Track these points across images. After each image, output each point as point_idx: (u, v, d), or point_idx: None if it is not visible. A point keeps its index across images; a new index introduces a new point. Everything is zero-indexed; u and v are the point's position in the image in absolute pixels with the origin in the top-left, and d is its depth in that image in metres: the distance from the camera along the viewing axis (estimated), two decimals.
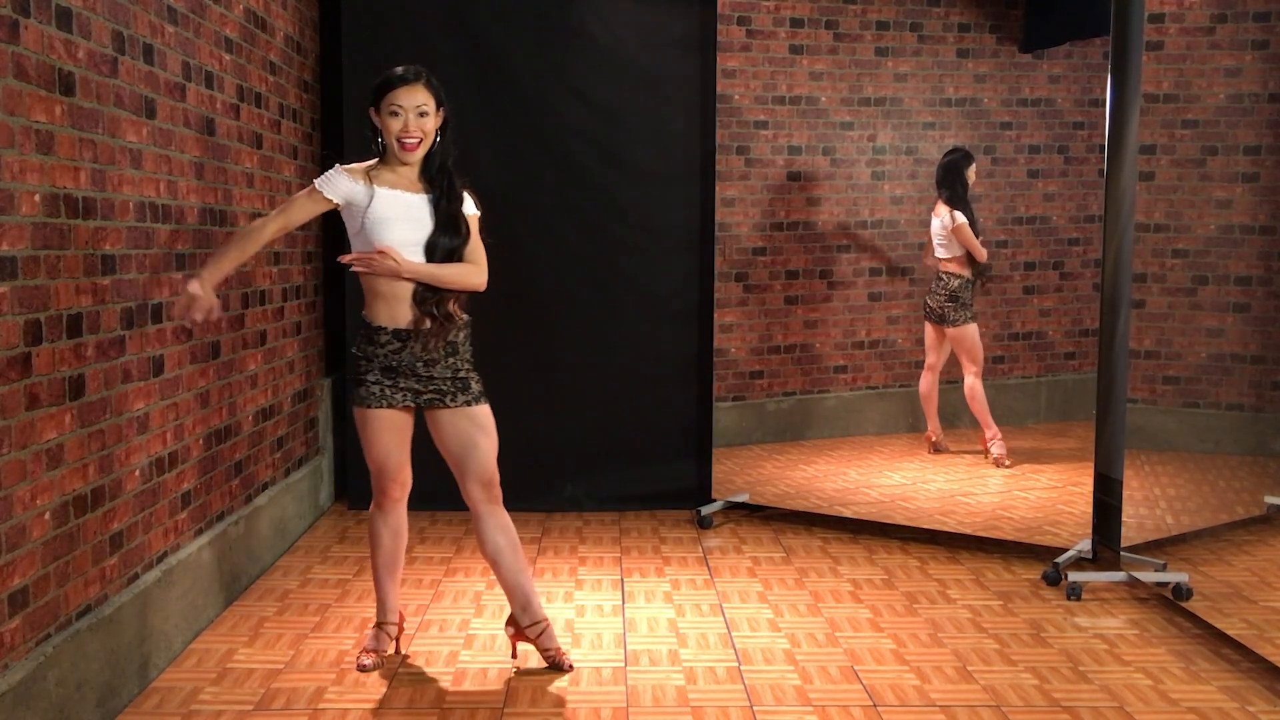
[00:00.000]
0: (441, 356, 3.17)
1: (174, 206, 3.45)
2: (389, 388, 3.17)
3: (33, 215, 2.62)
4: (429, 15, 5.05)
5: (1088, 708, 3.10)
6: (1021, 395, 5.06)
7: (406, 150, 3.11)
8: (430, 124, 3.13)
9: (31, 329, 2.61)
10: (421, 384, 3.18)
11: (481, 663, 3.40)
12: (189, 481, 3.59)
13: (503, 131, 5.09)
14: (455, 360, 3.20)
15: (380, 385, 3.17)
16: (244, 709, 3.06)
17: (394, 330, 3.15)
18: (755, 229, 5.24)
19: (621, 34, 5.16)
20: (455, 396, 3.20)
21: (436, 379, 3.18)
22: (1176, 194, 4.40)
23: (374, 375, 3.18)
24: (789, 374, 5.33)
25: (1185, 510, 4.59)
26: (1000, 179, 4.95)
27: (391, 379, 3.17)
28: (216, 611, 3.76)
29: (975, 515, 4.74)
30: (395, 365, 3.16)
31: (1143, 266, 4.33)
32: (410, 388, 3.18)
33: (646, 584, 4.19)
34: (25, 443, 2.59)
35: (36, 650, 2.63)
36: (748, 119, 5.14)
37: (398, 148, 3.12)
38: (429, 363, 3.17)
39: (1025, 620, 3.79)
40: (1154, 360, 4.41)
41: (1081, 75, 4.72)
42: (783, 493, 5.16)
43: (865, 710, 3.08)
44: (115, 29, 3.04)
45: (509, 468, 5.28)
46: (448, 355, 3.18)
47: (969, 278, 4.92)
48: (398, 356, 3.16)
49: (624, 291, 5.24)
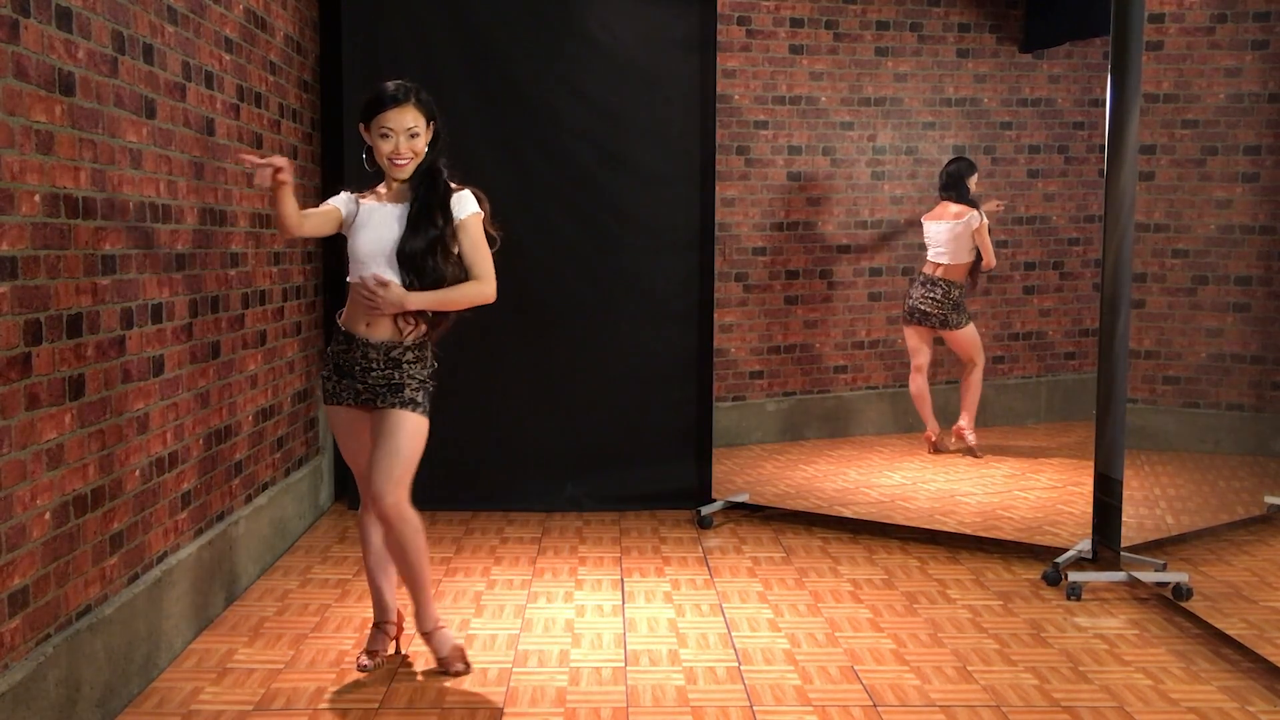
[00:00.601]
0: (380, 366, 3.17)
1: (174, 206, 3.45)
2: (336, 384, 3.24)
3: (33, 215, 2.62)
4: (429, 15, 5.05)
5: (1088, 708, 3.10)
6: (1021, 395, 5.06)
7: (398, 169, 3.14)
8: (421, 143, 3.14)
9: (31, 329, 2.61)
10: (360, 383, 3.20)
11: (481, 663, 3.40)
12: (189, 481, 3.59)
13: (503, 132, 5.09)
14: (395, 373, 3.17)
15: (330, 381, 3.25)
16: (244, 709, 3.06)
17: (345, 332, 3.21)
18: (755, 229, 5.24)
19: (621, 34, 5.16)
20: (385, 397, 3.18)
21: (372, 384, 3.19)
22: (1176, 194, 4.40)
23: (327, 371, 3.28)
24: (789, 374, 5.33)
25: (1185, 510, 4.59)
26: (1000, 179, 4.95)
27: (337, 377, 3.24)
28: (216, 611, 3.76)
29: (975, 515, 4.74)
30: (341, 364, 3.22)
31: (1143, 266, 4.33)
32: (352, 387, 3.21)
33: (646, 584, 4.19)
34: (25, 443, 2.59)
35: (36, 650, 2.63)
36: (748, 119, 5.14)
37: (389, 166, 3.14)
38: (366, 369, 3.18)
39: (1025, 620, 3.79)
40: (1154, 360, 4.41)
41: (1081, 75, 4.72)
42: (783, 493, 5.16)
43: (865, 710, 3.08)
44: (115, 29, 3.04)
45: (509, 468, 5.34)
46: (386, 366, 3.17)
47: (964, 285, 4.92)
48: (345, 356, 3.21)
49: (624, 291, 5.23)
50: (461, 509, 5.17)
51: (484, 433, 5.18)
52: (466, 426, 5.08)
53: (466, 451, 5.14)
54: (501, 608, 3.90)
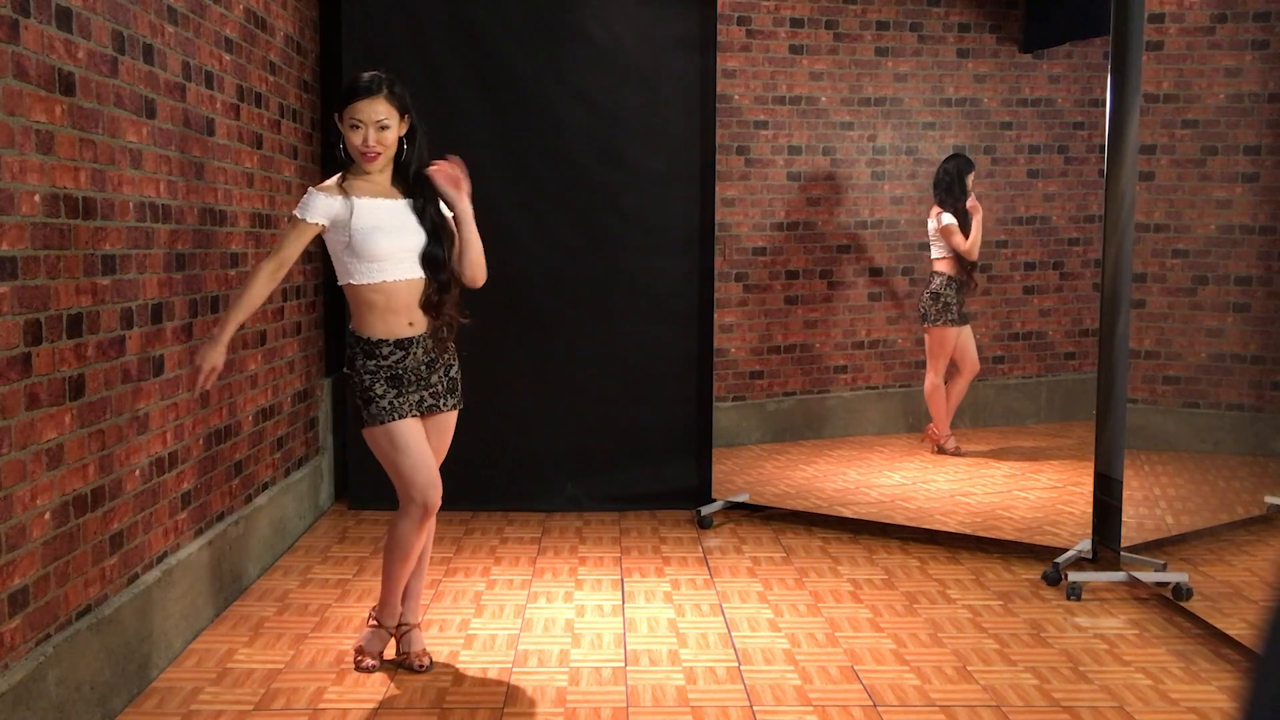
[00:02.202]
0: (438, 355, 3.22)
1: (174, 206, 3.44)
2: (397, 398, 3.14)
3: (33, 215, 2.62)
4: (429, 15, 5.05)
5: (1088, 708, 3.10)
6: (1021, 395, 5.06)
7: (368, 161, 3.09)
8: (391, 135, 3.09)
9: (31, 329, 2.61)
10: (424, 389, 3.20)
11: (481, 663, 3.40)
12: (189, 481, 3.59)
13: (503, 131, 5.09)
14: (449, 358, 3.27)
15: (389, 398, 3.14)
16: (244, 709, 3.06)
17: (395, 340, 3.14)
18: (755, 229, 5.24)
19: (621, 34, 5.16)
20: (448, 399, 3.27)
21: (435, 382, 3.22)
22: (1176, 194, 4.39)
23: (381, 388, 3.13)
24: (789, 374, 5.33)
25: (1185, 510, 4.59)
26: (1000, 179, 4.95)
27: (398, 389, 3.15)
28: (216, 611, 3.76)
29: (975, 515, 4.74)
30: (400, 374, 3.15)
31: (1143, 266, 4.33)
32: (416, 396, 3.18)
33: (646, 584, 4.19)
34: (25, 443, 2.59)
35: (36, 650, 2.63)
36: (748, 119, 5.14)
37: (360, 159, 3.10)
38: (430, 365, 3.19)
39: (1025, 620, 3.79)
40: (1154, 360, 4.40)
41: (1081, 75, 4.72)
42: (783, 493, 5.15)
43: (865, 710, 3.07)
44: (115, 29, 3.04)
45: (509, 468, 5.33)
46: (441, 353, 3.23)
47: (953, 276, 4.94)
48: (402, 365, 3.15)
49: (624, 291, 5.23)
50: (461, 509, 5.16)
51: (484, 433, 5.17)
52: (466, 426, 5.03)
53: (466, 451, 5.11)
54: (501, 608, 3.90)
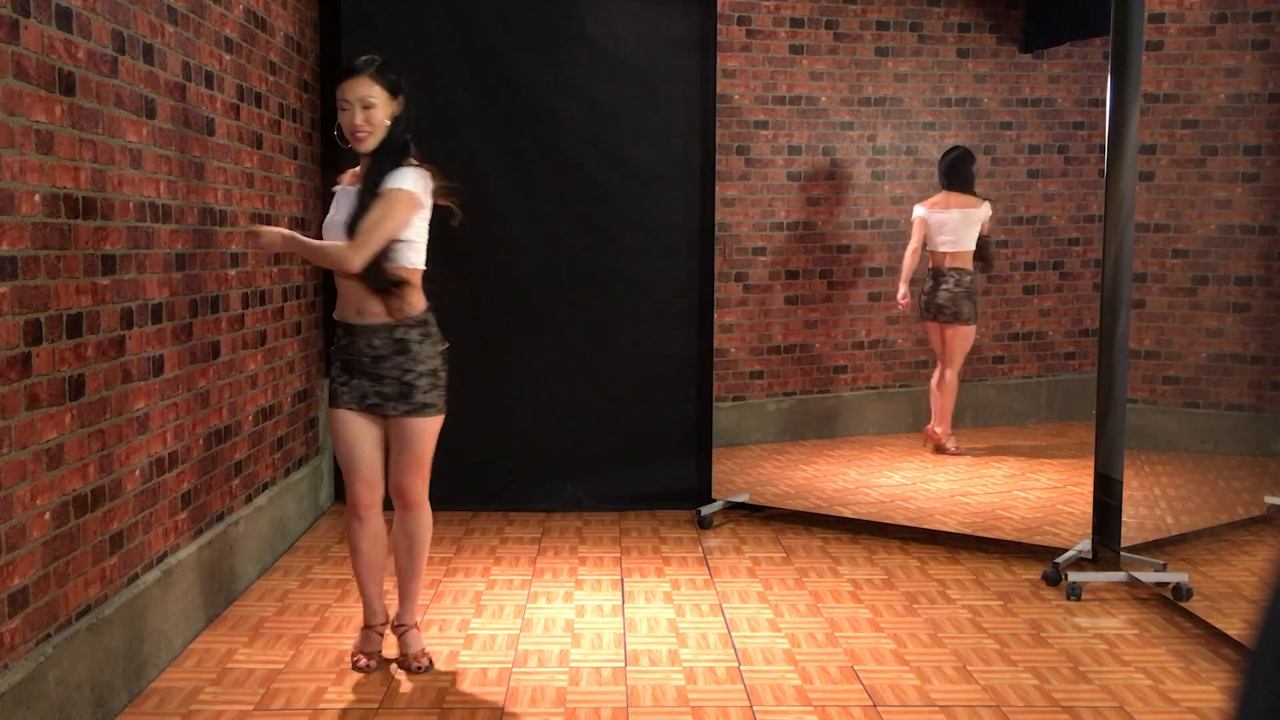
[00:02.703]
0: (389, 353, 3.13)
1: (174, 206, 3.44)
2: (343, 385, 3.19)
3: (33, 215, 2.61)
4: (429, 15, 5.05)
5: (1088, 708, 3.10)
6: (1021, 395, 5.06)
7: (357, 143, 3.11)
8: (378, 115, 3.09)
9: (31, 329, 2.61)
10: (371, 382, 3.16)
11: (481, 663, 3.40)
12: (189, 481, 3.58)
13: (503, 131, 5.09)
14: (404, 360, 3.13)
15: (337, 383, 3.20)
16: (244, 709, 3.06)
17: (344, 323, 3.18)
18: (755, 229, 5.24)
19: (621, 34, 5.16)
20: (396, 405, 3.16)
21: (385, 379, 3.14)
22: (1176, 194, 4.39)
23: (336, 370, 3.22)
24: (789, 374, 5.33)
25: (1185, 510, 4.58)
26: (1000, 179, 4.95)
27: (345, 377, 3.18)
28: (216, 611, 3.76)
29: (975, 515, 4.74)
30: (349, 360, 3.17)
31: (1143, 266, 4.33)
32: (361, 387, 3.16)
33: (646, 584, 4.19)
34: (25, 443, 2.59)
35: (36, 650, 2.63)
36: (748, 119, 5.14)
37: (350, 140, 3.12)
38: (376, 358, 3.13)
39: (1025, 620, 3.79)
40: (1154, 360, 4.40)
41: (1081, 75, 4.72)
42: (783, 493, 5.15)
43: (865, 710, 3.07)
44: (115, 29, 3.04)
45: (509, 468, 5.33)
46: (395, 353, 3.13)
47: (976, 268, 4.93)
48: (350, 350, 3.17)
49: (624, 291, 5.23)
50: (461, 509, 5.16)
51: (484, 433, 5.18)
52: (466, 426, 5.05)
53: (466, 451, 5.14)
54: (501, 608, 3.90)
